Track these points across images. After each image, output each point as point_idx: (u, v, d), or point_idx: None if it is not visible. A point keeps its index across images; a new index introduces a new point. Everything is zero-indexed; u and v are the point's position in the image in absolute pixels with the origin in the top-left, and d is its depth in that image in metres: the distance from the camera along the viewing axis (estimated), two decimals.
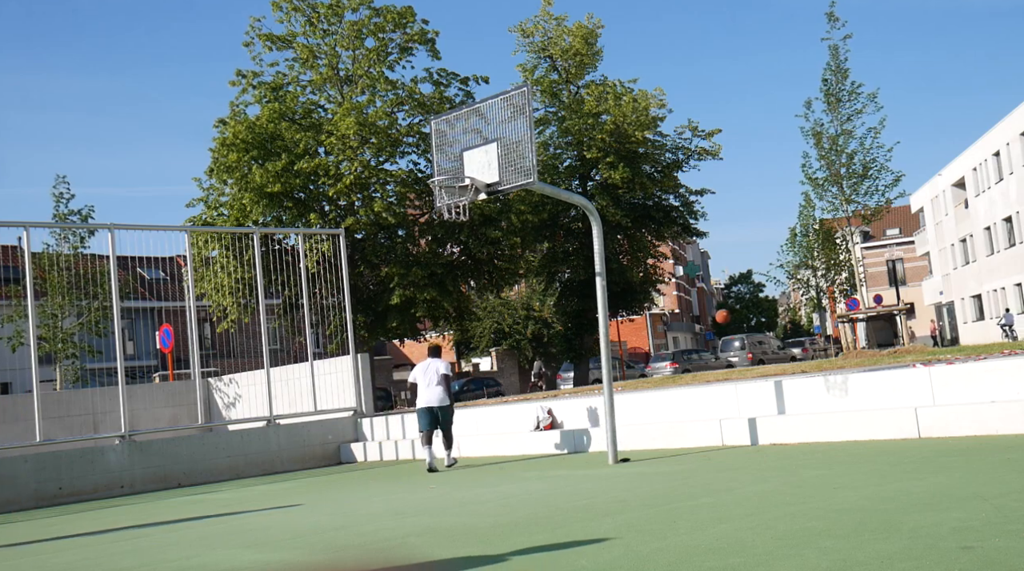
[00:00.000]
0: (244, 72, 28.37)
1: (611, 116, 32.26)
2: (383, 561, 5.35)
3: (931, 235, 57.58)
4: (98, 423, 17.53)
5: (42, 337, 26.37)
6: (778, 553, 4.21)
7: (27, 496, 12.52)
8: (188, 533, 7.73)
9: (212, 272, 26.17)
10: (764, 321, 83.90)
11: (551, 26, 34.17)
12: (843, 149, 32.93)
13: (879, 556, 3.90)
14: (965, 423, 8.66)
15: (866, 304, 41.28)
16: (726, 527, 5.16)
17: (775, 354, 47.86)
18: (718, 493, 6.67)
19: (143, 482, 13.52)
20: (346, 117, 26.20)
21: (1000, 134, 42.42)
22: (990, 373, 9.18)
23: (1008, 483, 5.64)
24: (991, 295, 46.48)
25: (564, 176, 33.73)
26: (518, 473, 10.09)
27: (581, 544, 5.13)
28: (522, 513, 6.71)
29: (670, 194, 35.14)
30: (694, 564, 4.20)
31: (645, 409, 12.02)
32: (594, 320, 27.72)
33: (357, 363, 16.46)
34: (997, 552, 3.75)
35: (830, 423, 9.73)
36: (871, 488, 6.12)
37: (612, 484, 8.10)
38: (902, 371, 10.20)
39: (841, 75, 32.58)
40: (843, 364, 18.04)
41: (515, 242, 30.09)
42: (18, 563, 6.97)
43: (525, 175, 9.43)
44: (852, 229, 37.68)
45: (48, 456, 13.02)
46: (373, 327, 28.16)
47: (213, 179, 27.58)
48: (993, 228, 45.10)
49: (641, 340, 62.33)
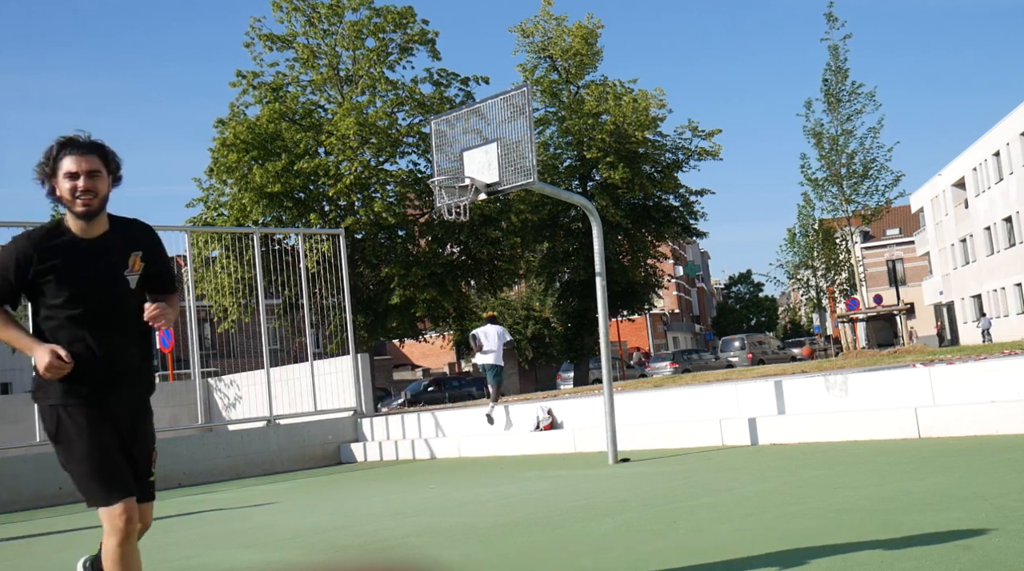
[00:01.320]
0: (244, 72, 28.39)
1: (611, 116, 32.27)
2: (383, 561, 5.35)
3: (931, 235, 57.57)
4: None
5: None
6: (778, 553, 4.21)
7: (27, 496, 12.51)
8: (188, 533, 7.73)
9: (212, 272, 26.17)
10: (764, 321, 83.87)
11: (551, 26, 34.19)
12: (843, 149, 32.96)
13: (879, 556, 3.90)
14: (965, 423, 8.66)
15: (866, 304, 41.28)
16: (726, 527, 5.16)
17: (775, 354, 47.85)
18: (718, 493, 6.67)
19: None
20: (346, 117, 26.20)
21: (1000, 134, 42.41)
22: (990, 373, 9.18)
23: (1008, 483, 5.64)
24: (991, 295, 46.46)
25: (564, 176, 33.74)
26: (518, 473, 10.09)
27: (581, 544, 5.13)
28: (522, 513, 6.71)
29: (670, 194, 35.16)
30: (694, 564, 4.20)
31: (645, 409, 12.01)
32: (594, 320, 27.71)
33: (357, 363, 16.46)
34: (997, 552, 3.75)
35: (830, 423, 9.73)
36: (871, 488, 6.12)
37: (612, 484, 8.10)
38: (902, 371, 10.20)
39: (841, 75, 32.60)
40: (843, 364, 18.05)
41: (515, 242, 30.09)
42: (18, 563, 6.97)
43: (525, 175, 9.42)
44: (852, 229, 37.68)
45: (48, 456, 12.99)
46: (373, 327, 28.16)
47: (213, 179, 27.59)
48: (993, 228, 45.09)
49: (641, 340, 62.32)
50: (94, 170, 3.23)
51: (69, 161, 3.21)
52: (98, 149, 3.30)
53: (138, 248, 3.40)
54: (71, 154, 3.22)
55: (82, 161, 3.22)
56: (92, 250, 3.30)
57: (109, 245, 3.34)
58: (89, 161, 3.24)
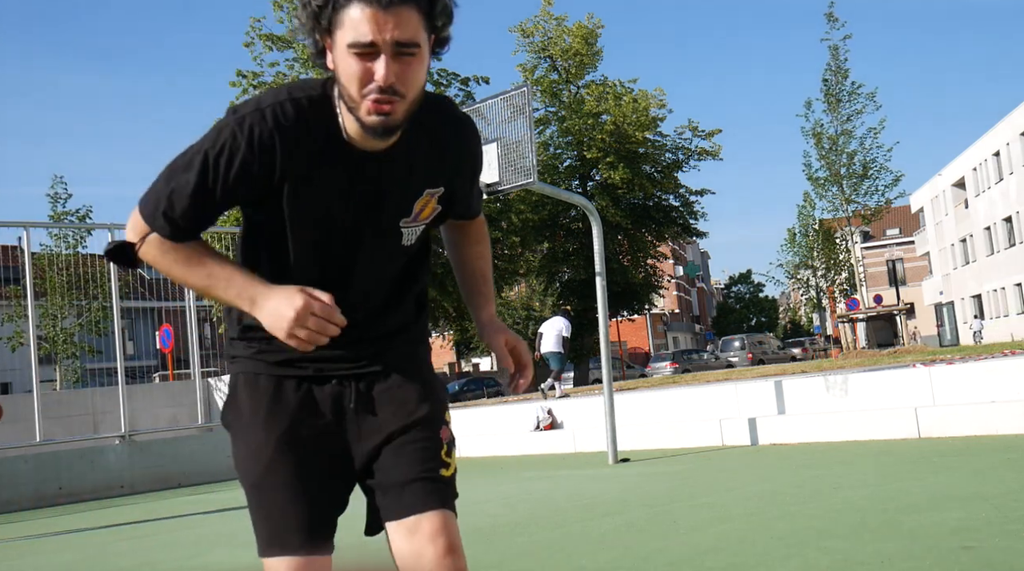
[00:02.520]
0: (244, 72, 28.38)
1: (611, 116, 32.27)
2: (383, 561, 5.35)
3: (931, 235, 57.57)
4: (98, 423, 17.52)
5: (42, 337, 26.39)
6: (778, 553, 4.21)
7: (27, 496, 12.51)
8: (188, 533, 7.73)
9: None
10: (764, 321, 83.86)
11: (551, 26, 34.19)
12: (843, 149, 32.98)
13: (879, 556, 3.89)
14: (965, 423, 8.66)
15: (866, 304, 41.30)
16: (726, 527, 5.16)
17: (775, 354, 47.84)
18: (718, 493, 6.67)
19: (143, 482, 13.51)
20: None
21: (1000, 134, 42.41)
22: (990, 373, 9.19)
23: (1008, 483, 5.64)
24: (991, 295, 46.46)
25: (564, 176, 33.75)
26: (518, 473, 10.09)
27: (581, 544, 5.13)
28: (522, 513, 6.71)
29: (670, 194, 35.18)
30: (694, 564, 4.19)
31: (645, 409, 12.02)
32: (594, 320, 27.69)
33: None
34: (997, 552, 3.75)
35: (830, 423, 9.73)
36: (871, 488, 6.12)
37: (612, 484, 8.10)
38: (902, 371, 10.21)
39: (841, 75, 32.62)
40: (843, 364, 18.05)
41: (515, 242, 30.08)
42: (18, 563, 6.97)
43: (525, 175, 9.42)
44: (852, 229, 37.69)
45: (48, 456, 13.02)
46: None
47: None
48: (993, 228, 45.10)
49: (641, 340, 62.32)
50: (408, 42, 1.64)
51: (361, 16, 1.62)
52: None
53: (442, 178, 1.91)
54: (369, 2, 1.62)
55: (388, 20, 1.62)
56: (366, 172, 1.81)
57: (397, 164, 1.82)
58: (400, 20, 1.63)
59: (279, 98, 1.79)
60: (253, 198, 1.83)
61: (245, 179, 1.77)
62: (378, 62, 1.64)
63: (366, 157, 1.79)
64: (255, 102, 1.80)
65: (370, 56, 1.64)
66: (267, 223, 1.85)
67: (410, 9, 1.64)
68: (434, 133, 1.86)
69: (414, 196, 1.88)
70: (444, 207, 1.96)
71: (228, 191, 1.78)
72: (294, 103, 1.77)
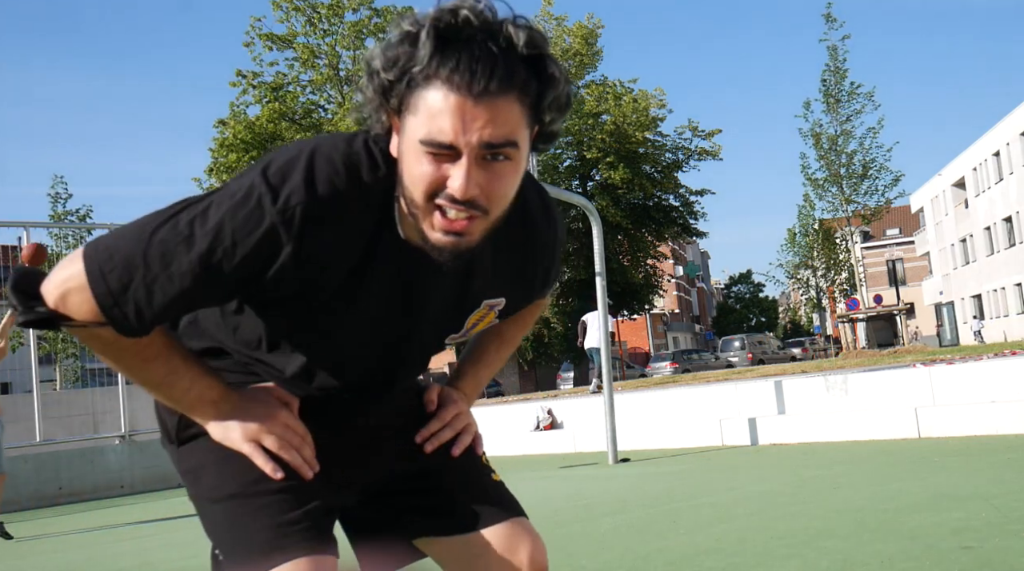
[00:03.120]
0: (244, 72, 28.42)
1: (611, 116, 32.29)
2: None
3: (931, 235, 57.58)
4: (98, 423, 17.52)
5: (42, 337, 26.37)
6: (778, 553, 4.21)
7: (27, 496, 12.51)
8: (188, 533, 7.72)
9: None
10: (764, 321, 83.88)
11: (551, 26, 34.19)
12: (842, 149, 32.99)
13: (879, 556, 3.89)
14: (965, 423, 8.66)
15: (866, 304, 41.31)
16: (726, 527, 5.16)
17: (775, 354, 47.84)
18: (718, 493, 6.67)
19: (143, 482, 13.51)
20: (346, 117, 26.21)
21: (1000, 134, 42.42)
22: (990, 373, 9.18)
23: (1008, 483, 5.64)
24: (991, 295, 46.48)
25: (564, 176, 33.77)
26: (518, 473, 10.09)
27: (581, 544, 5.13)
28: None
29: (670, 194, 35.20)
30: (694, 564, 4.19)
31: (645, 409, 12.02)
32: None
33: None
34: (997, 552, 3.75)
35: (830, 423, 9.73)
36: (871, 488, 6.12)
37: (612, 484, 8.10)
38: (902, 371, 10.21)
39: (840, 75, 32.63)
40: (843, 364, 18.04)
41: None
42: (18, 563, 6.97)
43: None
44: (852, 229, 37.70)
45: (48, 456, 13.02)
46: None
47: (213, 179, 27.60)
48: (993, 228, 45.11)
49: (641, 340, 62.33)
50: (502, 142, 1.24)
51: (443, 105, 1.22)
52: (521, 79, 1.23)
53: (507, 289, 1.57)
54: (455, 88, 1.20)
55: (478, 115, 1.21)
56: (417, 283, 1.44)
57: (456, 274, 1.45)
58: (495, 114, 1.22)
59: (334, 171, 1.31)
60: (265, 301, 1.41)
61: (269, 286, 1.34)
62: (457, 166, 1.24)
63: (420, 263, 1.38)
64: (304, 171, 1.29)
65: (448, 158, 1.24)
66: (272, 307, 1.45)
67: (510, 100, 1.22)
68: (507, 235, 1.44)
69: (470, 309, 1.53)
70: (502, 317, 1.61)
71: (233, 294, 1.39)
72: (355, 183, 1.32)
